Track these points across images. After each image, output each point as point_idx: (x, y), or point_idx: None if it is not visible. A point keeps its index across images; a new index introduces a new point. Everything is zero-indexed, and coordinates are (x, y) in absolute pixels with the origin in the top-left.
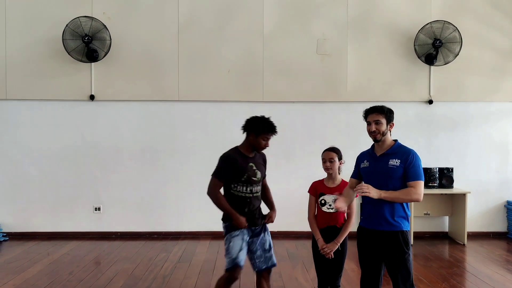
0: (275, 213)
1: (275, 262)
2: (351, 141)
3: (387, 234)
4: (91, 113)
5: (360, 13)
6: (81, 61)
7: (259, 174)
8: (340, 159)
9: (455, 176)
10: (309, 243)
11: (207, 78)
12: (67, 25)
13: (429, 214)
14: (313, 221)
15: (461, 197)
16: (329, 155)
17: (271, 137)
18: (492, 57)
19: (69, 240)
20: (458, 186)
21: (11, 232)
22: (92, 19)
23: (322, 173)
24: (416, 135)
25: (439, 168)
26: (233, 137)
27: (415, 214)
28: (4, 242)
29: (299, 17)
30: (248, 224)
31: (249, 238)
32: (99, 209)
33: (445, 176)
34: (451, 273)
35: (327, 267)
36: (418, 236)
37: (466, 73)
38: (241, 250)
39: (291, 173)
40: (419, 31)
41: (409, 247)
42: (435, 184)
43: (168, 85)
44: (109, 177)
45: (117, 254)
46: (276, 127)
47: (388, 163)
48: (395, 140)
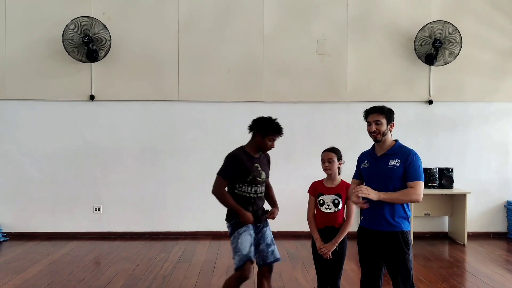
0: (278, 211)
1: (278, 256)
2: (351, 141)
3: (387, 234)
4: (91, 113)
5: (360, 13)
6: (81, 61)
7: (263, 175)
8: (340, 159)
9: (455, 176)
10: (309, 243)
11: (207, 78)
12: (67, 25)
13: (429, 214)
14: (312, 221)
15: (461, 197)
16: (328, 155)
17: (277, 138)
18: (492, 57)
19: (69, 240)
20: (458, 186)
21: (11, 232)
22: (92, 19)
23: (322, 173)
24: (416, 135)
25: (439, 168)
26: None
27: (415, 214)
28: (4, 242)
29: (299, 17)
30: (253, 221)
31: (254, 234)
32: (99, 209)
33: (445, 176)
34: (451, 273)
35: (326, 267)
36: (418, 236)
37: (466, 73)
38: (251, 246)
39: (291, 173)
40: (419, 31)
41: (409, 247)
42: (435, 184)
43: (168, 85)
44: (109, 177)
45: (117, 254)
46: (282, 129)
47: (388, 164)
48: (396, 140)
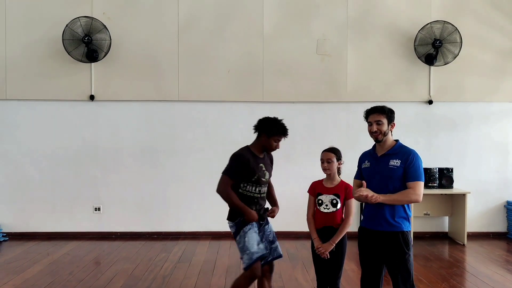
0: (278, 209)
1: (280, 253)
2: (351, 141)
3: (387, 234)
4: (91, 113)
5: (360, 13)
6: (81, 61)
7: (267, 175)
8: (339, 159)
9: (455, 176)
10: (309, 244)
11: (207, 78)
12: (67, 25)
13: (429, 214)
14: (311, 221)
15: (461, 197)
16: (327, 155)
17: (282, 139)
18: (492, 57)
19: (69, 240)
20: (458, 186)
21: (11, 232)
22: (92, 19)
23: (322, 173)
24: (416, 135)
25: (439, 168)
26: (233, 137)
27: (415, 214)
28: (4, 242)
29: (299, 17)
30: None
31: (259, 232)
32: (99, 209)
33: (445, 176)
34: (451, 273)
35: (325, 267)
36: (418, 236)
37: (466, 73)
38: (259, 243)
39: (291, 173)
40: (419, 31)
41: (409, 247)
42: (435, 184)
43: (168, 85)
44: (109, 177)
45: (117, 254)
46: (288, 130)
47: (389, 164)
48: (396, 140)
